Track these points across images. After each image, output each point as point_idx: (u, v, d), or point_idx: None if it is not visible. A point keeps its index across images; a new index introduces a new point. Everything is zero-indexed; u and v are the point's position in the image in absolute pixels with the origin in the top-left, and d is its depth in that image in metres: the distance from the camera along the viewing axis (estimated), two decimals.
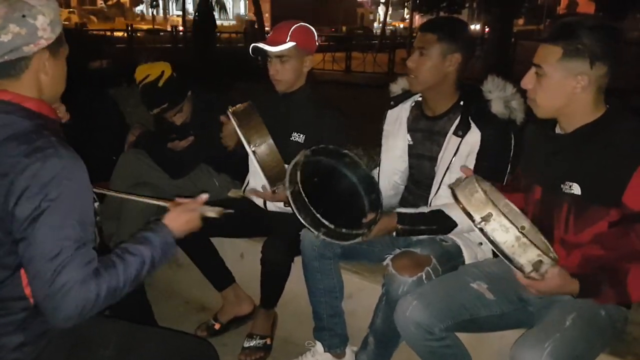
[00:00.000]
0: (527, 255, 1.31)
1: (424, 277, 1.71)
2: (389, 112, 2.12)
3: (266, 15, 33.80)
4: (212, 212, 1.47)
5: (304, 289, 2.08)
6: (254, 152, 1.83)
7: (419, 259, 1.76)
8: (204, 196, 1.47)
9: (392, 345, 1.92)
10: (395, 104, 2.10)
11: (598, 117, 1.50)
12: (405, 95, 2.08)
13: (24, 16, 1.18)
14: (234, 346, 2.29)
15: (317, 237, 1.73)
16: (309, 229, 1.72)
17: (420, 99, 2.05)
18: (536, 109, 1.56)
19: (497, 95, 1.85)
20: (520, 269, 1.34)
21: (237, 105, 1.90)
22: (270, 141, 1.84)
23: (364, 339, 1.98)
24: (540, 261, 1.32)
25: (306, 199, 1.66)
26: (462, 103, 1.92)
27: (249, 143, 1.82)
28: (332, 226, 1.67)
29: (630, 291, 1.40)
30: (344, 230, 1.70)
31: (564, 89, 1.48)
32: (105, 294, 1.16)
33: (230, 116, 1.87)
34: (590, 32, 1.42)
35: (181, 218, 1.39)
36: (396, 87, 2.13)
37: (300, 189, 1.67)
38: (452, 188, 1.44)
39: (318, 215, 1.66)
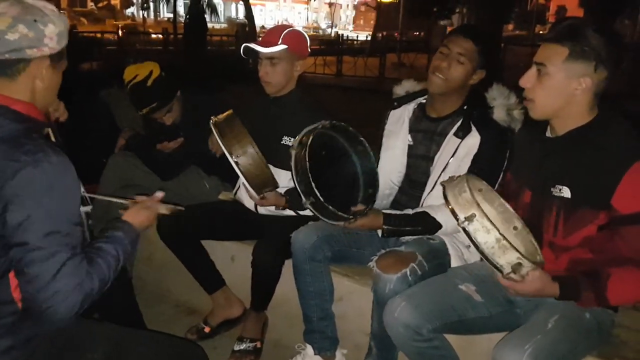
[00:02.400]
0: (506, 257, 1.33)
1: (408, 273, 1.71)
2: (392, 112, 2.15)
3: (371, 22, 37.62)
4: (164, 210, 1.57)
5: (295, 291, 2.08)
6: (236, 163, 1.82)
7: (403, 256, 1.77)
8: (160, 194, 1.58)
9: (393, 348, 1.91)
10: (399, 104, 2.12)
11: (589, 121, 1.52)
12: (409, 97, 2.11)
13: (35, 21, 1.20)
14: (224, 349, 2.28)
15: (303, 204, 1.76)
16: (299, 193, 1.74)
17: (424, 101, 2.08)
18: (533, 109, 1.56)
19: (501, 102, 1.88)
20: (499, 269, 1.35)
21: (219, 116, 1.89)
22: (252, 150, 1.82)
23: (369, 345, 1.97)
24: (520, 264, 1.33)
25: (308, 165, 1.67)
26: (465, 107, 1.96)
27: (230, 154, 1.81)
28: (322, 199, 1.68)
29: (609, 295, 1.41)
30: (331, 207, 1.70)
31: (565, 89, 1.48)
32: (97, 289, 1.21)
33: (212, 128, 1.86)
34: (597, 35, 1.43)
35: (140, 215, 1.46)
36: (400, 90, 2.16)
37: (307, 154, 1.67)
38: (443, 185, 1.46)
39: (313, 184, 1.66)
